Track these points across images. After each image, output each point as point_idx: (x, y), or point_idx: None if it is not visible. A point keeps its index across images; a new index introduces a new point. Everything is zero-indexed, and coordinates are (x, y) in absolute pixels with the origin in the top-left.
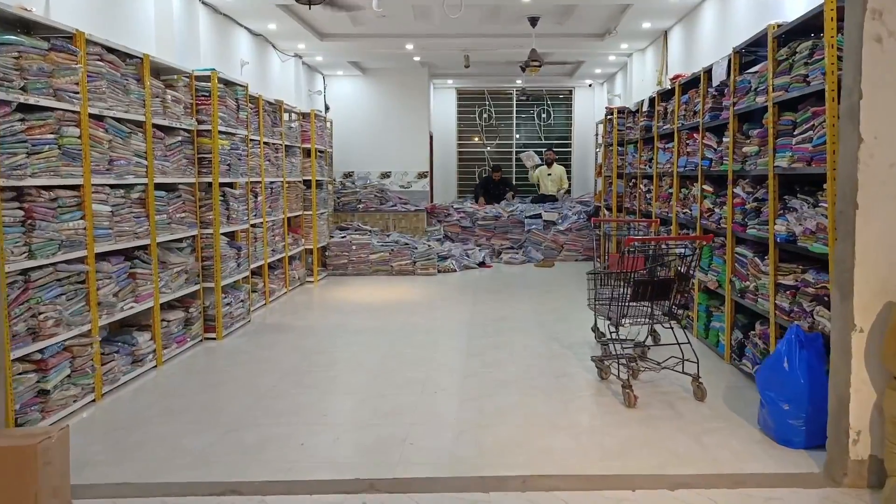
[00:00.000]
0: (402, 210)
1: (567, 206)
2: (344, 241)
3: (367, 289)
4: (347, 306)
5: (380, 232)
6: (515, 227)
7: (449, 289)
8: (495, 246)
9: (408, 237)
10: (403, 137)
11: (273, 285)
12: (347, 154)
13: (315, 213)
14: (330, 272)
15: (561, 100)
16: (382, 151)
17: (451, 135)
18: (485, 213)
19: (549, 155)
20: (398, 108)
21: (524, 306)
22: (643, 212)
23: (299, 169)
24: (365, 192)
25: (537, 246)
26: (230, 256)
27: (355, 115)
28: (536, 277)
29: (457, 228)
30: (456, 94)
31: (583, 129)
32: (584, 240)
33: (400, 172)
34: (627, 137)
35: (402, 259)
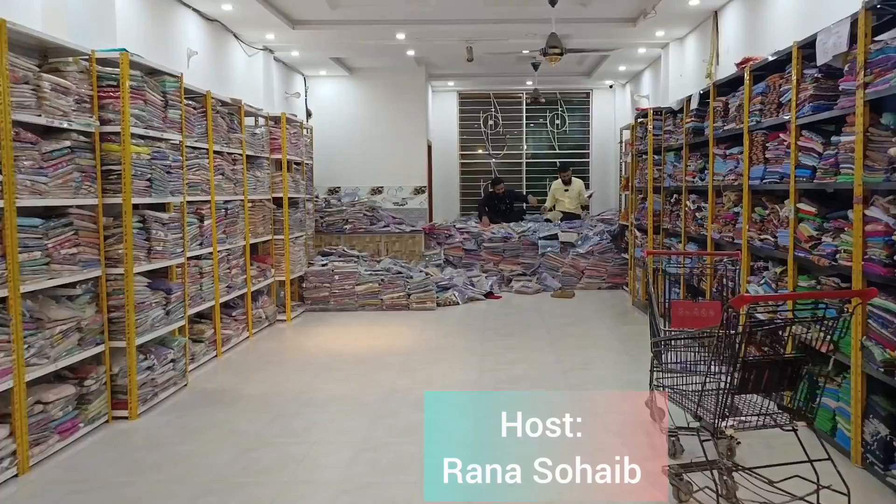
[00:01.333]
0: (395, 231)
1: (587, 225)
2: (325, 271)
3: (350, 329)
4: (320, 359)
5: (369, 257)
6: (528, 249)
7: (449, 329)
8: (504, 272)
9: (402, 263)
10: (398, 148)
11: (228, 331)
12: (332, 167)
13: (287, 237)
14: (308, 307)
15: (576, 104)
16: (373, 164)
17: (452, 144)
18: (492, 234)
19: (564, 176)
20: (391, 114)
21: (545, 357)
22: (693, 235)
23: (267, 184)
24: (352, 210)
25: (553, 272)
26: (153, 303)
27: (342, 122)
28: (555, 311)
29: (459, 252)
30: (458, 98)
31: (602, 137)
32: (607, 264)
33: (394, 188)
34: (666, 143)
35: (395, 291)
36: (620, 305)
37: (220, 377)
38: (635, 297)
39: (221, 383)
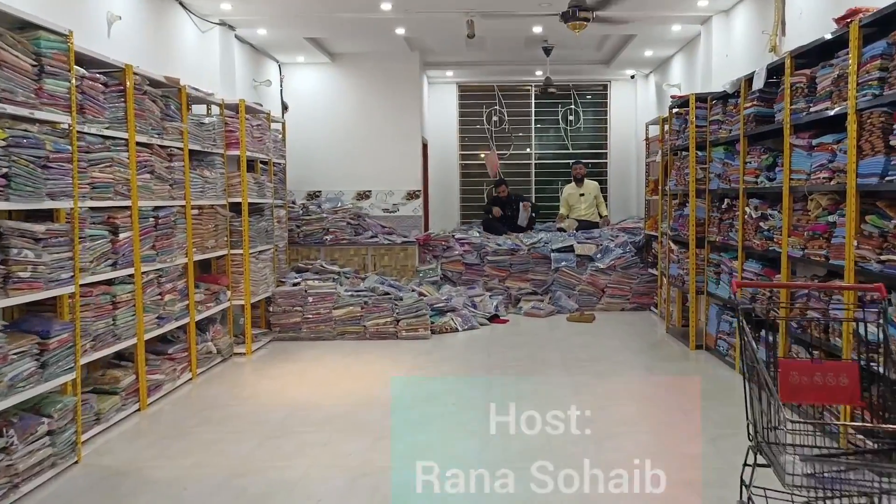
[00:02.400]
0: (385, 243)
1: (607, 235)
2: (296, 291)
3: (323, 366)
4: (274, 413)
5: (352, 274)
6: (538, 264)
7: (445, 367)
8: (512, 290)
9: (391, 281)
10: (388, 146)
11: (159, 375)
12: (312, 168)
13: (248, 251)
14: (276, 335)
15: (592, 98)
16: (360, 165)
17: (451, 143)
18: (496, 246)
19: (577, 170)
20: (381, 108)
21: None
22: (756, 251)
23: (221, 187)
24: (334, 218)
25: (569, 290)
26: (15, 354)
27: (323, 117)
28: (573, 341)
29: (459, 266)
30: (457, 91)
31: (621, 135)
32: (632, 281)
33: (383, 192)
34: (713, 136)
35: (381, 315)
36: (651, 332)
37: (130, 447)
38: (669, 322)
39: (127, 459)
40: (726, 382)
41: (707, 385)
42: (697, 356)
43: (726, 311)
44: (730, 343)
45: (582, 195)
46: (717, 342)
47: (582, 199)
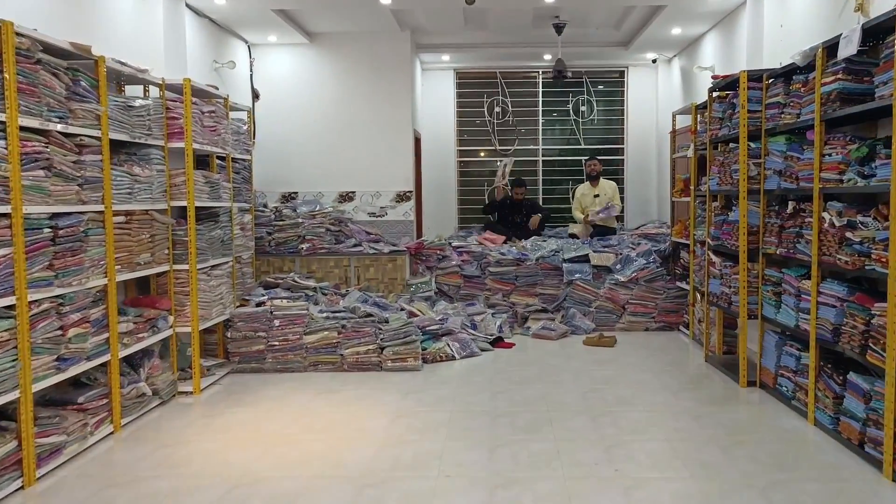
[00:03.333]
0: (370, 252)
1: (627, 243)
2: (259, 313)
3: (283, 413)
4: (204, 494)
5: (331, 290)
6: (549, 276)
7: (438, 414)
8: (518, 307)
9: (376, 298)
10: (375, 141)
11: (58, 436)
12: (287, 166)
13: (195, 266)
14: (235, 367)
15: (608, 86)
16: (342, 162)
17: (448, 137)
18: (500, 255)
19: (591, 167)
20: (366, 97)
21: (602, 488)
22: (840, 269)
23: (160, 187)
24: (312, 224)
25: (584, 307)
26: None
27: (300, 106)
28: (593, 373)
29: (457, 279)
30: (455, 78)
31: (640, 128)
32: (657, 296)
33: (369, 193)
34: (771, 124)
35: (362, 341)
36: (686, 360)
37: None
38: (708, 348)
39: None
40: (798, 438)
41: (777, 445)
42: (751, 397)
43: (791, 342)
44: (797, 384)
45: (597, 196)
46: (778, 380)
47: (597, 200)
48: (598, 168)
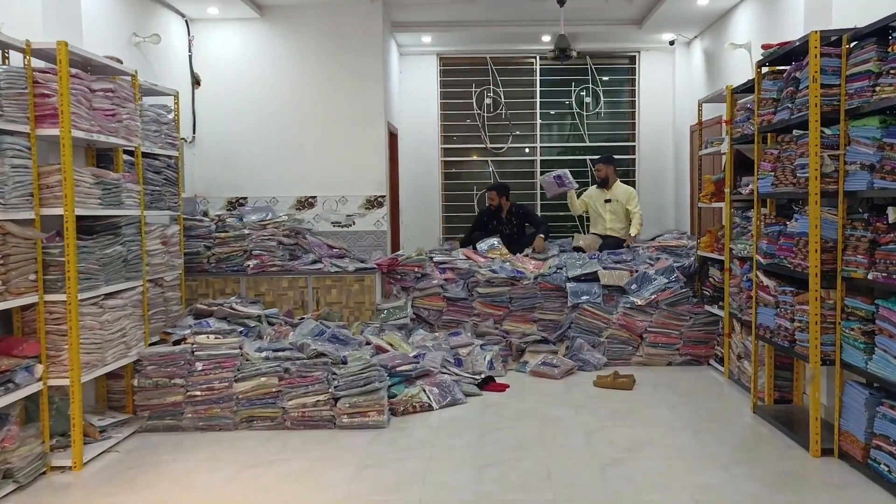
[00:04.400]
0: (332, 270)
1: (643, 257)
2: (176, 354)
3: (193, 498)
4: None
5: (280, 318)
6: (550, 298)
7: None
8: (512, 337)
9: (336, 328)
10: (340, 137)
11: None
12: (235, 166)
13: (75, 295)
14: (144, 425)
15: (616, 74)
16: (301, 162)
17: (430, 133)
18: (491, 274)
19: (602, 170)
20: (330, 83)
21: None
22: None
23: (24, 189)
24: (261, 236)
25: (593, 336)
26: None
27: (249, 95)
28: (614, 432)
29: (439, 302)
30: (438, 64)
31: (655, 122)
32: (682, 323)
33: (333, 199)
34: (858, 102)
35: (311, 391)
36: (727, 409)
37: None
38: (755, 395)
39: None
40: None
41: None
42: (830, 475)
43: (891, 403)
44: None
45: (608, 202)
46: (871, 453)
47: (608, 207)
48: (606, 172)
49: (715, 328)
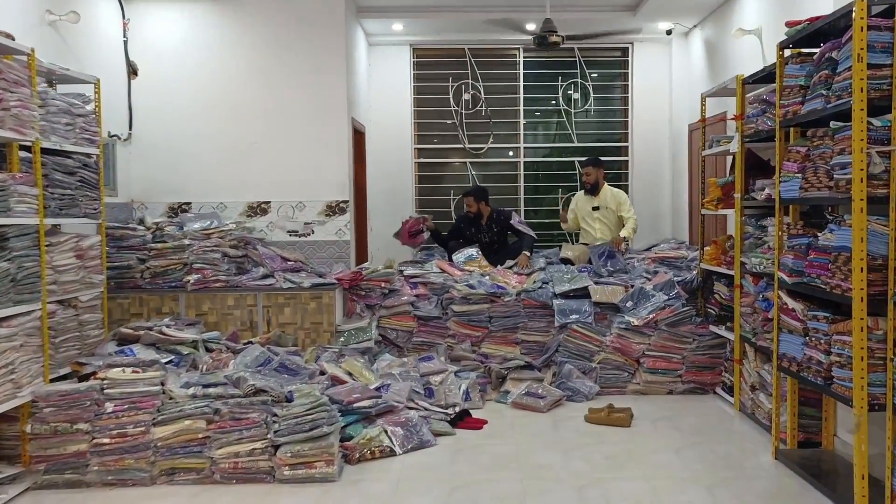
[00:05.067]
0: (285, 286)
1: (640, 270)
2: (80, 393)
3: None
4: None
5: (222, 344)
6: (534, 317)
7: None
8: (492, 362)
9: (286, 355)
10: (297, 135)
11: None
12: (177, 167)
13: None
14: (41, 480)
15: (607, 69)
16: (253, 163)
17: (403, 132)
18: (468, 289)
19: (592, 174)
20: (286, 74)
21: None
22: None
23: None
24: (204, 247)
25: (584, 361)
26: None
27: (193, 87)
28: (611, 481)
29: (408, 322)
30: (412, 56)
31: (649, 120)
32: (684, 346)
33: (289, 205)
34: None
35: (245, 436)
36: (742, 452)
37: None
38: (777, 436)
39: None
40: None
41: None
42: None
43: None
44: None
45: (596, 209)
46: None
47: (596, 215)
48: (595, 176)
49: (721, 352)
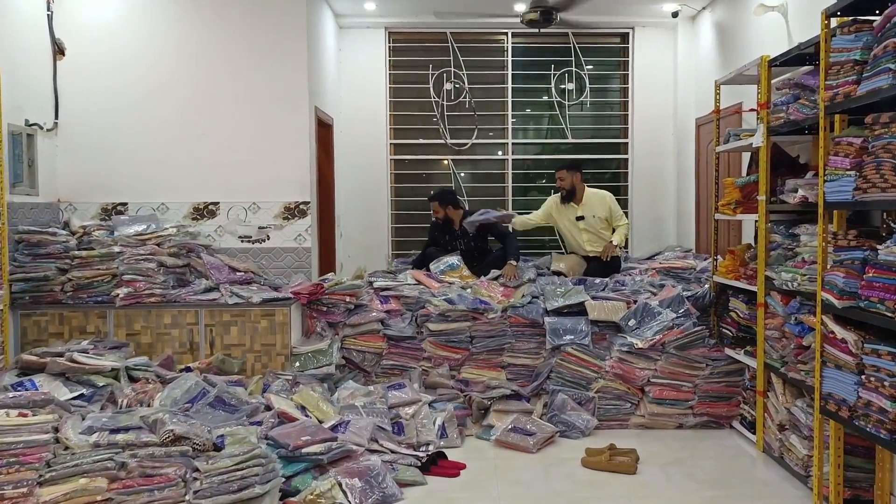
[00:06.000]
0: (231, 302)
1: (643, 282)
2: None
3: None
4: None
5: (152, 371)
6: (522, 337)
7: None
8: (472, 390)
9: (227, 386)
10: (250, 126)
11: None
12: (111, 162)
13: None
14: None
15: (604, 57)
16: (199, 158)
17: (376, 125)
18: (447, 303)
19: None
20: (236, 57)
21: None
22: None
23: None
24: (138, 255)
25: (579, 389)
26: None
27: (130, 71)
28: None
29: (377, 342)
30: (387, 40)
31: (652, 113)
32: (695, 372)
33: (241, 206)
34: None
35: (157, 497)
36: None
37: None
38: (820, 495)
39: None
40: None
41: None
42: None
43: None
44: None
45: (580, 219)
46: None
47: (581, 225)
48: (568, 182)
49: (739, 380)
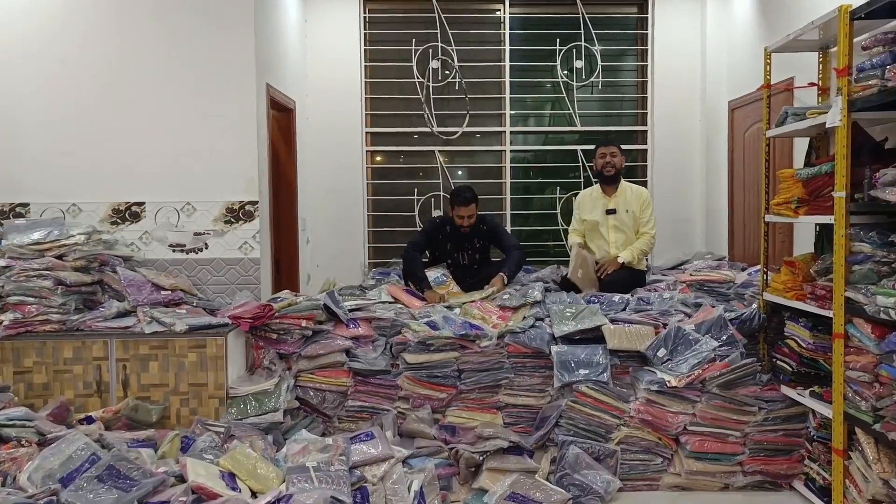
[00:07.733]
0: (151, 332)
1: (673, 301)
2: None
3: None
4: None
5: (30, 428)
6: (524, 370)
7: None
8: (461, 440)
9: (125, 447)
10: (183, 110)
11: None
12: (9, 156)
13: None
14: None
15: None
16: (119, 150)
17: (350, 111)
18: (428, 328)
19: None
20: (167, 27)
21: None
22: None
23: None
24: (31, 270)
25: (596, 440)
26: None
27: (37, 44)
28: None
29: (341, 377)
30: (362, 9)
31: (674, 98)
32: (745, 418)
33: (172, 207)
34: None
35: None
36: None
37: None
38: None
39: None
40: None
41: None
42: None
43: None
44: None
45: (612, 212)
46: None
47: (611, 221)
48: (618, 161)
49: (801, 427)
